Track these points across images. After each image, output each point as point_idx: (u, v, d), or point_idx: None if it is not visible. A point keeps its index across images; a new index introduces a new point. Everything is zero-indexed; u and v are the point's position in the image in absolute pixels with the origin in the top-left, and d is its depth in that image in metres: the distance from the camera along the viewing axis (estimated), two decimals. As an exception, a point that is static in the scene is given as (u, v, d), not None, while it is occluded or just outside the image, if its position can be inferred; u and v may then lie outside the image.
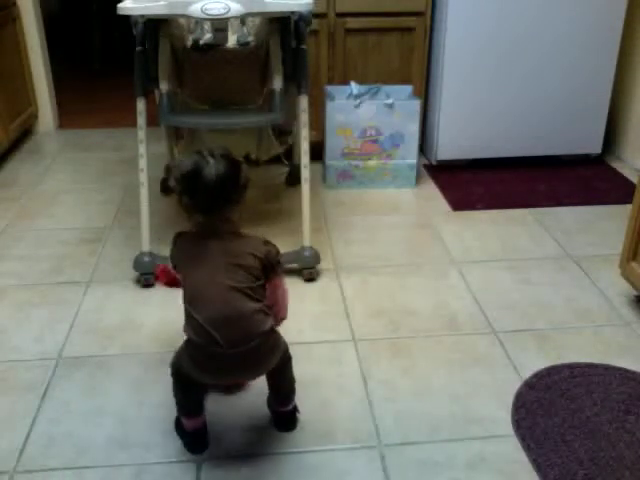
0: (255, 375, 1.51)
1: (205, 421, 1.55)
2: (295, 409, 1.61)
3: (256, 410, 1.66)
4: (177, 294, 1.50)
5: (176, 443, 1.56)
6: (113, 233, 2.53)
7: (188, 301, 1.40)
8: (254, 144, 2.35)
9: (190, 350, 1.42)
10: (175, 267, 1.48)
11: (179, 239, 1.47)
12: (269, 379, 1.55)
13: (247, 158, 1.44)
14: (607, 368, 1.80)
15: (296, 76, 2.15)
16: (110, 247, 2.43)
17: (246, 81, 2.18)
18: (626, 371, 1.79)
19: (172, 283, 1.80)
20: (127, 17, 1.98)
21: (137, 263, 2.17)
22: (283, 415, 1.60)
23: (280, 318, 1.56)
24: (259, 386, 1.72)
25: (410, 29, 2.93)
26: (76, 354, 1.87)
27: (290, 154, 2.86)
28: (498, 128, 3.03)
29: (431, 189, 2.93)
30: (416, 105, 2.81)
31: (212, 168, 1.35)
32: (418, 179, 2.95)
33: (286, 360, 1.53)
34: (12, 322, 2.01)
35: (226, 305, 1.36)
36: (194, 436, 1.54)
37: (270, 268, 1.44)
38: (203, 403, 1.56)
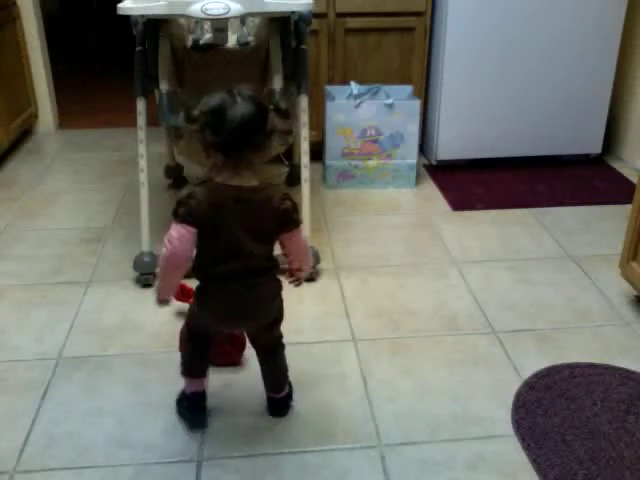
0: (259, 318, 1.51)
1: (205, 391, 1.60)
2: (288, 396, 1.65)
3: (256, 410, 1.66)
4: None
5: (176, 443, 1.56)
6: (113, 233, 2.53)
7: (209, 259, 1.39)
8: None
9: (206, 299, 1.46)
10: (188, 221, 1.35)
11: (195, 193, 1.36)
12: (263, 365, 1.62)
13: (277, 107, 1.42)
14: (607, 368, 1.80)
15: (296, 76, 2.15)
16: (110, 247, 2.43)
17: (246, 81, 2.16)
18: (626, 371, 1.79)
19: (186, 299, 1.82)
20: (127, 17, 1.98)
21: (137, 263, 2.17)
22: (276, 401, 1.65)
23: (306, 267, 1.55)
24: (259, 386, 1.73)
25: (410, 29, 2.94)
26: (76, 354, 1.87)
27: (290, 154, 2.86)
28: (498, 128, 3.03)
29: (431, 189, 2.93)
30: (416, 105, 2.81)
31: (240, 107, 1.30)
32: (418, 179, 2.95)
33: (280, 346, 1.60)
34: (12, 322, 2.01)
35: (245, 269, 1.39)
36: (194, 402, 1.59)
37: (285, 222, 1.40)
38: (207, 367, 1.60)
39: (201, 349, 1.59)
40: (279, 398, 1.64)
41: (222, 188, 1.36)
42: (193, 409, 1.60)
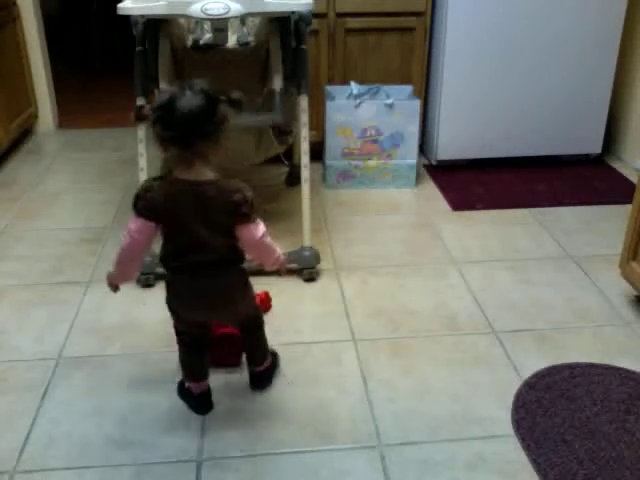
0: (227, 315, 1.60)
1: (209, 385, 1.67)
2: (269, 370, 1.74)
3: (256, 410, 1.66)
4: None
5: (176, 443, 1.56)
6: (113, 233, 2.53)
7: (170, 253, 1.47)
8: (253, 144, 2.35)
9: (168, 287, 1.53)
10: (145, 215, 1.42)
11: (152, 187, 1.42)
12: (244, 340, 1.71)
13: (230, 99, 1.46)
14: (607, 368, 1.80)
15: (296, 76, 2.15)
16: (110, 247, 2.43)
17: (246, 81, 2.18)
18: (626, 371, 1.79)
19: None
20: (127, 17, 1.98)
21: (137, 263, 2.16)
22: (258, 374, 1.72)
23: (271, 267, 1.57)
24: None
25: (410, 29, 2.94)
26: (76, 354, 1.87)
27: (290, 154, 2.86)
28: (498, 128, 3.03)
29: (431, 189, 2.93)
30: (416, 105, 2.81)
31: (187, 100, 1.34)
32: (418, 179, 2.95)
33: (259, 324, 1.69)
34: (12, 322, 2.01)
35: (205, 262, 1.45)
36: (200, 398, 1.66)
37: (237, 215, 1.42)
38: (207, 369, 1.65)
39: (194, 350, 1.62)
40: (259, 371, 1.72)
41: (178, 182, 1.40)
42: (201, 404, 1.66)
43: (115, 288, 1.58)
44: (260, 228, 1.47)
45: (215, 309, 1.56)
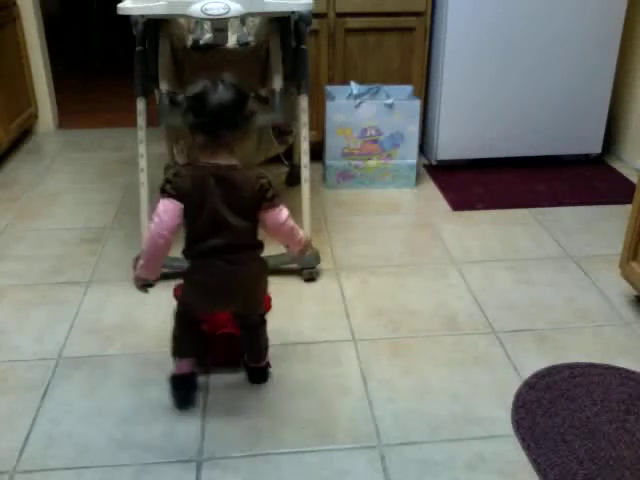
0: (243, 297, 1.60)
1: (192, 372, 1.67)
2: (268, 365, 1.76)
3: (256, 410, 1.66)
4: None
5: (176, 443, 1.56)
6: (113, 233, 2.53)
7: (195, 235, 1.49)
8: (254, 144, 2.35)
9: (192, 277, 1.54)
10: (174, 195, 1.45)
11: (180, 172, 1.48)
12: (246, 338, 1.72)
13: (258, 96, 1.58)
14: (607, 368, 1.80)
15: (296, 76, 2.15)
16: (110, 247, 2.43)
17: (246, 81, 2.18)
18: (626, 371, 1.79)
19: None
20: (127, 17, 1.98)
21: (137, 263, 2.16)
22: (257, 370, 1.74)
23: (295, 248, 1.62)
24: (259, 386, 1.73)
25: (410, 29, 2.94)
26: (76, 354, 1.87)
27: (290, 154, 2.86)
28: (498, 128, 3.03)
29: (431, 189, 2.93)
30: (416, 105, 2.81)
31: (220, 92, 1.42)
32: (418, 179, 2.95)
33: (262, 323, 1.71)
34: (12, 322, 2.01)
35: (229, 245, 1.48)
36: (181, 380, 1.65)
37: (261, 199, 1.48)
38: (196, 349, 1.67)
39: (190, 331, 1.65)
40: (259, 367, 1.74)
41: (204, 166, 1.47)
42: (179, 389, 1.66)
43: (145, 286, 1.58)
44: (284, 212, 1.53)
45: (234, 296, 1.58)
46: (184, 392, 1.67)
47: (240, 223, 1.48)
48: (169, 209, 1.44)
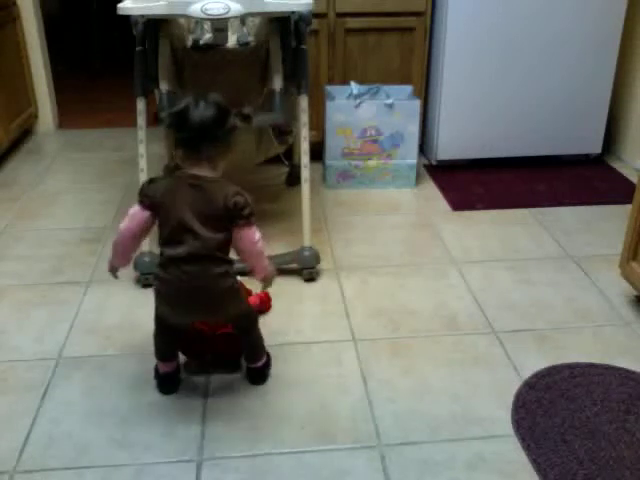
0: (214, 316, 1.65)
1: (175, 367, 1.72)
2: (265, 366, 1.76)
3: (256, 410, 1.66)
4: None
5: (176, 443, 1.56)
6: (113, 233, 2.52)
7: (163, 241, 1.54)
8: (254, 144, 2.35)
9: (159, 286, 1.57)
10: (143, 202, 1.55)
11: (157, 180, 1.58)
12: (240, 338, 1.74)
13: (240, 111, 1.77)
14: (607, 368, 1.80)
15: (296, 76, 2.15)
16: (110, 247, 2.43)
17: (246, 81, 2.18)
18: (626, 371, 1.79)
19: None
20: (127, 17, 1.98)
21: (137, 263, 2.16)
22: (254, 370, 1.76)
23: (259, 273, 1.64)
24: (259, 386, 1.73)
25: (410, 29, 2.94)
26: (76, 354, 1.87)
27: (290, 154, 2.86)
28: (498, 128, 3.03)
29: (431, 189, 2.93)
30: (416, 105, 2.81)
31: (200, 108, 1.48)
32: (418, 179, 2.95)
33: (252, 322, 1.72)
34: (12, 322, 2.01)
35: (192, 254, 1.49)
36: (165, 378, 1.72)
37: (236, 216, 1.51)
38: (176, 352, 1.72)
39: (167, 336, 1.67)
40: (256, 368, 1.75)
41: (181, 176, 1.53)
42: (163, 385, 1.72)
43: (114, 272, 1.70)
44: (257, 233, 1.57)
45: (202, 309, 1.60)
46: (168, 387, 1.73)
47: (206, 234, 1.49)
48: (136, 216, 1.56)
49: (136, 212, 1.56)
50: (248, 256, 1.60)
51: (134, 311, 2.05)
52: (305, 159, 2.17)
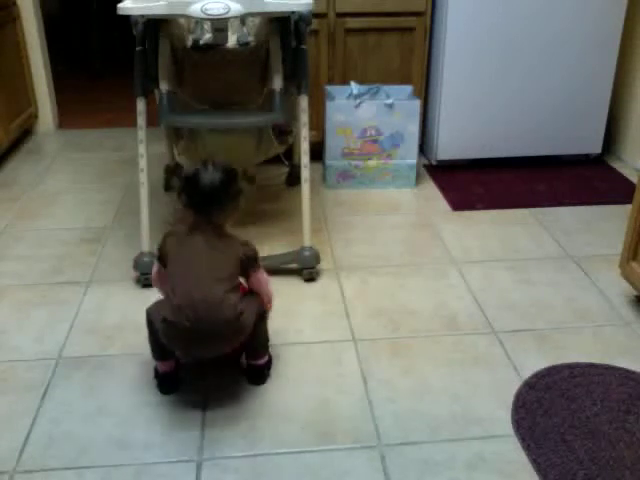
0: (219, 352, 1.66)
1: (174, 367, 1.73)
2: (266, 365, 1.76)
3: (256, 410, 1.66)
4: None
5: (176, 443, 1.56)
6: (113, 233, 2.54)
7: (170, 287, 1.59)
8: (254, 144, 2.35)
9: (164, 328, 1.59)
10: (160, 258, 1.66)
11: (168, 236, 1.66)
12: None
13: (245, 173, 1.90)
14: (607, 368, 1.80)
15: (296, 76, 2.14)
16: (110, 247, 2.43)
17: (246, 81, 2.18)
18: (626, 371, 1.79)
19: None
20: (127, 17, 1.98)
21: (137, 263, 2.16)
22: (253, 368, 1.75)
23: (266, 303, 1.75)
24: (259, 386, 1.73)
25: (410, 29, 2.94)
26: (76, 354, 1.87)
27: (290, 154, 2.86)
28: (498, 128, 3.03)
29: (431, 189, 2.93)
30: (416, 105, 2.81)
31: (209, 175, 1.58)
32: (418, 179, 2.95)
33: (262, 318, 1.71)
34: (12, 322, 2.01)
35: (201, 293, 1.54)
36: (164, 377, 1.72)
37: (248, 266, 1.63)
38: (171, 354, 1.71)
39: (158, 337, 1.67)
40: (257, 366, 1.74)
41: (189, 233, 1.61)
42: (165, 383, 1.73)
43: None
44: (264, 276, 1.71)
45: (213, 350, 1.65)
46: (167, 387, 1.73)
47: (218, 285, 1.56)
48: (158, 276, 1.71)
49: (157, 273, 1.72)
50: (260, 291, 1.71)
51: (134, 311, 2.05)
52: (305, 159, 2.17)
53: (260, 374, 1.75)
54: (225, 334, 1.58)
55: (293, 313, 2.05)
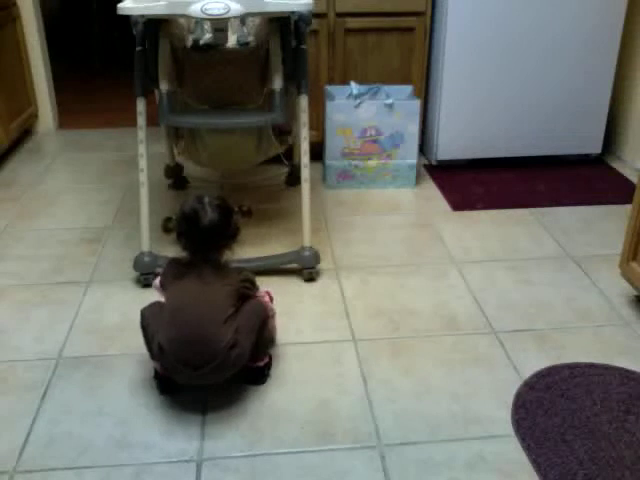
0: (217, 381, 1.67)
1: None
2: (266, 367, 1.76)
3: (256, 410, 1.66)
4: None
5: (176, 443, 1.56)
6: (113, 233, 2.53)
7: (168, 318, 1.61)
8: (254, 144, 2.35)
9: (160, 354, 1.61)
10: (162, 285, 1.71)
11: (170, 264, 1.71)
12: None
13: (240, 208, 1.98)
14: (607, 368, 1.80)
15: (296, 76, 2.15)
16: (110, 247, 2.43)
17: (246, 81, 2.18)
18: (626, 371, 1.79)
19: None
20: (127, 17, 1.98)
21: (137, 263, 2.17)
22: (254, 369, 1.74)
23: (268, 312, 1.79)
24: (259, 386, 1.73)
25: (410, 29, 2.94)
26: (76, 354, 1.87)
27: (290, 154, 2.86)
28: (498, 128, 3.03)
29: (431, 189, 2.93)
30: (416, 105, 2.81)
31: (207, 216, 1.62)
32: (418, 179, 2.95)
33: (264, 319, 1.71)
34: (12, 322, 2.01)
35: (195, 332, 1.56)
36: (165, 378, 1.70)
37: (246, 295, 1.68)
38: None
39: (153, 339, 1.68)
40: (257, 367, 1.74)
41: (188, 271, 1.66)
42: (162, 386, 1.72)
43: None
44: (266, 297, 1.81)
45: (213, 380, 1.66)
46: (167, 387, 1.72)
47: (217, 326, 1.58)
48: (159, 292, 1.75)
49: (158, 298, 1.74)
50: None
51: (134, 311, 2.04)
52: (305, 159, 2.17)
53: (260, 375, 1.75)
54: (220, 369, 1.59)
55: (293, 313, 2.05)
